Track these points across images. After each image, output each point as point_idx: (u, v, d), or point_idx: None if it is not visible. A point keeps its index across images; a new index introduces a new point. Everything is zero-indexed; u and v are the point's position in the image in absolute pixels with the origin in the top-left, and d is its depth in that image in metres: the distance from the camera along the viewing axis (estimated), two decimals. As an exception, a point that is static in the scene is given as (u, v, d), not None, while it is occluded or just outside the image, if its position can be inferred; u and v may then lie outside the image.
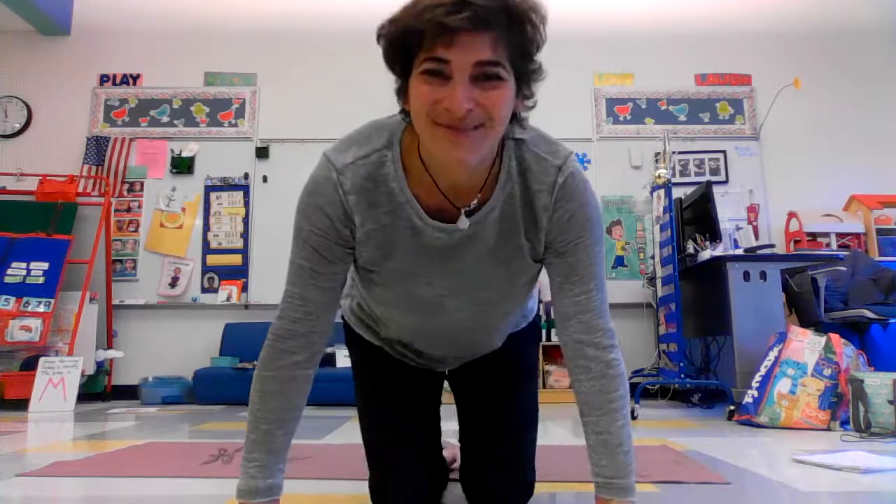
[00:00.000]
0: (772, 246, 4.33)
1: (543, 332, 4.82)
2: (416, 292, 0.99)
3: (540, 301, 1.40)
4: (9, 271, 4.42)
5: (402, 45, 0.80)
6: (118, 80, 5.55)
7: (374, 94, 6.07)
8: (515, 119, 0.89)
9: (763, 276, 3.72)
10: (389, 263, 0.96)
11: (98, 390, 4.74)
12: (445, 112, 0.77)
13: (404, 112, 0.88)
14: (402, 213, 0.92)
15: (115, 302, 5.05)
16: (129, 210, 5.34)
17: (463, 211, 0.91)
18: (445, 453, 1.40)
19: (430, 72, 0.77)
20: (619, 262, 5.28)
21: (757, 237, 4.72)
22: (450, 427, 1.38)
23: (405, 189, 0.91)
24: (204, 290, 5.20)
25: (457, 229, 0.93)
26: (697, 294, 4.22)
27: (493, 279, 1.00)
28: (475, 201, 0.91)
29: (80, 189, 5.12)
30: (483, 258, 0.96)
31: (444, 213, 0.93)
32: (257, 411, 0.96)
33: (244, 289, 5.18)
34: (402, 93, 0.86)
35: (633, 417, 3.36)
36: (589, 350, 0.98)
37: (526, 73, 0.83)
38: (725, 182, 5.34)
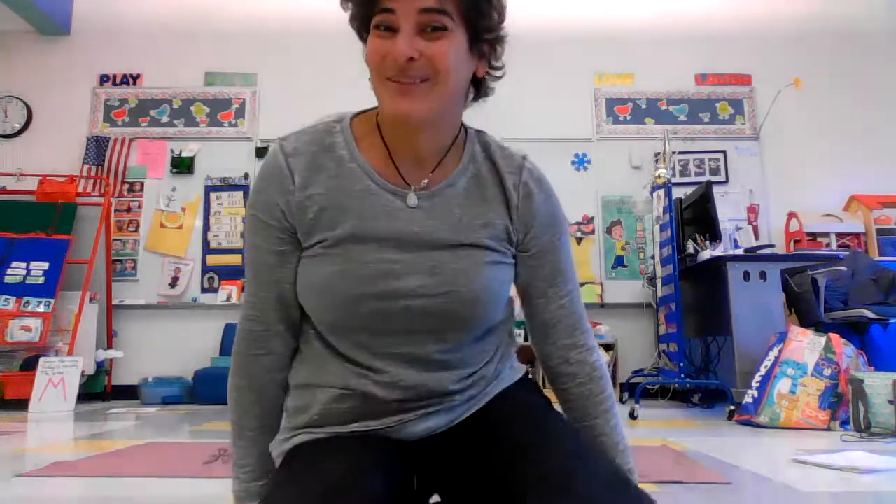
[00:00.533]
0: (772, 246, 4.33)
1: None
2: (365, 259, 0.83)
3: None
4: (9, 271, 4.43)
5: (360, 4, 0.81)
6: (118, 80, 5.55)
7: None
8: (480, 88, 0.88)
9: (763, 276, 3.72)
10: (336, 231, 0.84)
11: (98, 390, 4.74)
12: (392, 64, 0.77)
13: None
14: (352, 177, 0.86)
15: (115, 302, 5.05)
16: (129, 210, 5.34)
17: (413, 188, 0.86)
18: None
19: (380, 26, 0.78)
20: (619, 262, 5.28)
21: (757, 237, 4.72)
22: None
23: (357, 155, 0.87)
24: (204, 290, 5.20)
25: (404, 196, 0.86)
26: (697, 294, 4.22)
27: (453, 254, 0.85)
28: (426, 180, 0.87)
29: (80, 189, 5.12)
30: (442, 229, 0.86)
31: (397, 184, 0.88)
32: (239, 420, 0.93)
33: (244, 289, 5.17)
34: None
35: (633, 417, 3.36)
36: (573, 354, 0.93)
37: (479, 28, 0.81)
38: (725, 182, 5.34)
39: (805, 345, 3.11)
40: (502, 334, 0.96)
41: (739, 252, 3.93)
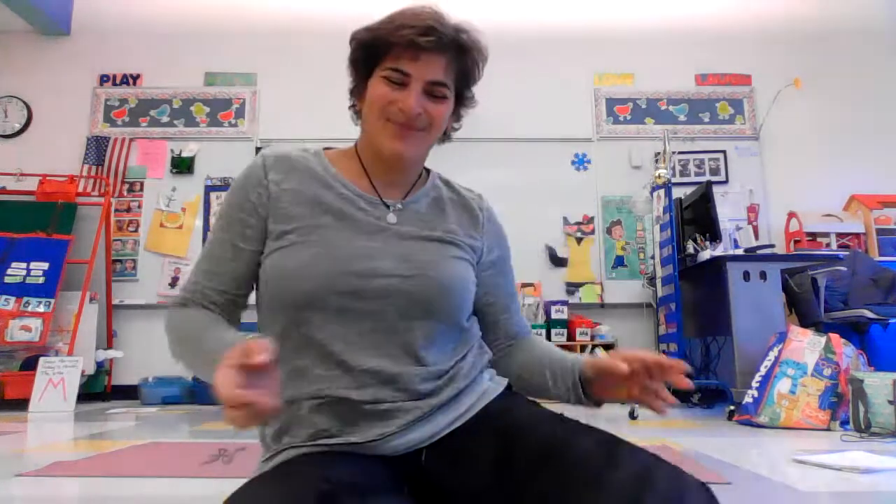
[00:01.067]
0: (772, 246, 4.33)
1: (544, 332, 4.82)
2: (341, 244, 0.90)
3: None
4: (9, 271, 4.43)
5: (371, 50, 0.95)
6: (118, 80, 5.55)
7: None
8: (445, 135, 1.05)
9: (763, 276, 3.72)
10: (313, 220, 0.91)
11: (98, 390, 4.74)
12: (399, 112, 0.91)
13: (355, 110, 1.02)
14: (328, 182, 0.96)
15: (115, 302, 5.05)
16: (129, 210, 5.34)
17: (392, 207, 0.98)
18: None
19: (392, 79, 0.92)
20: (619, 262, 5.28)
21: (757, 237, 4.72)
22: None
23: (329, 168, 0.99)
24: (204, 290, 5.20)
25: (382, 206, 0.97)
26: (697, 294, 4.22)
27: (422, 245, 0.95)
28: (398, 202, 0.99)
29: (80, 189, 5.13)
30: (411, 227, 0.97)
31: (375, 199, 0.99)
32: (184, 339, 0.91)
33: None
34: (358, 91, 1.00)
35: (633, 417, 3.36)
36: (518, 341, 1.08)
37: (463, 99, 1.00)
38: (725, 182, 5.34)
39: (805, 345, 3.11)
40: (472, 340, 1.00)
41: (739, 252, 3.93)
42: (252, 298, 0.99)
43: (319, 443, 0.85)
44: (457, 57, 0.95)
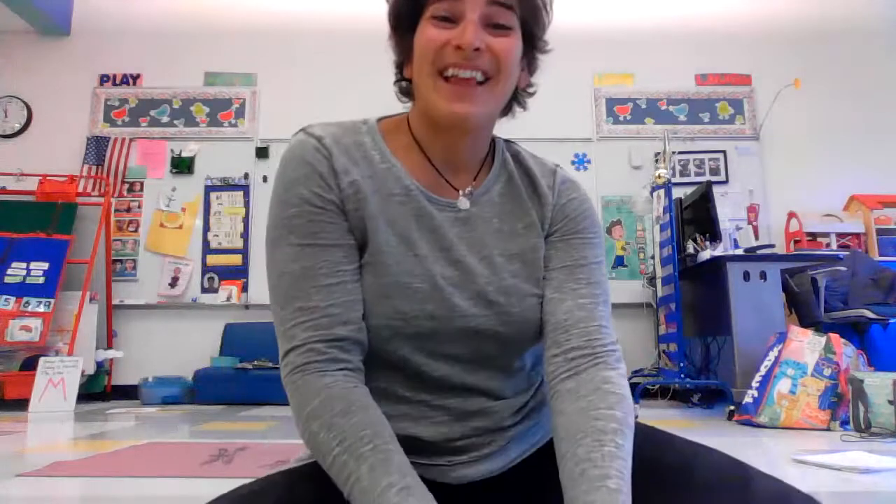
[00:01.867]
0: (772, 246, 4.33)
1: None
2: (405, 275, 0.74)
3: None
4: (9, 271, 4.43)
5: None
6: (118, 80, 5.55)
7: (374, 94, 6.06)
8: (513, 102, 0.83)
9: (763, 276, 3.72)
10: (375, 236, 0.74)
11: (98, 390, 4.74)
12: (454, 52, 0.70)
13: (402, 85, 0.83)
14: (386, 180, 0.76)
15: (115, 302, 5.05)
16: (129, 210, 5.34)
17: (461, 192, 0.79)
18: None
19: (439, 15, 0.72)
20: (619, 262, 5.28)
21: (757, 237, 4.72)
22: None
23: (388, 156, 0.78)
24: (204, 291, 5.20)
25: (453, 204, 0.79)
26: (697, 294, 4.22)
27: (501, 267, 0.78)
28: (469, 188, 0.80)
29: (80, 189, 5.13)
30: (486, 241, 0.79)
31: (438, 193, 0.79)
32: (343, 440, 0.65)
33: (244, 289, 5.18)
34: (405, 59, 0.79)
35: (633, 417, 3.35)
36: (584, 363, 0.74)
37: (533, 35, 0.78)
38: (725, 182, 5.34)
39: (805, 345, 3.11)
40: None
41: (739, 252, 3.93)
42: None
43: None
44: None
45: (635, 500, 0.65)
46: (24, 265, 4.47)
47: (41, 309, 4.34)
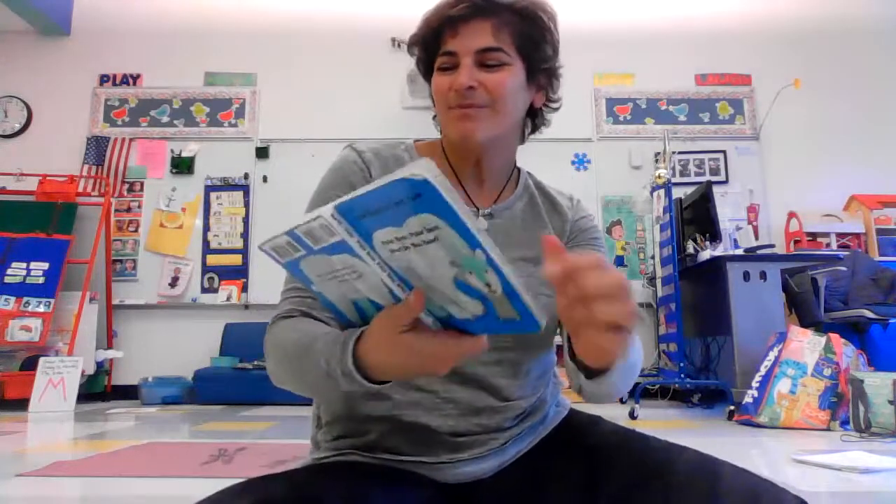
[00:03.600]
0: (772, 246, 4.33)
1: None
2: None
3: None
4: (9, 271, 4.43)
5: (426, 48, 0.89)
6: (118, 80, 5.55)
7: (373, 94, 6.06)
8: (537, 118, 0.94)
9: (763, 276, 3.72)
10: None
11: (98, 390, 4.74)
12: (455, 94, 0.83)
13: (436, 119, 0.95)
14: None
15: (115, 302, 5.05)
16: (129, 210, 5.34)
17: (481, 211, 0.91)
18: None
19: (443, 67, 0.86)
20: (619, 262, 5.28)
21: (757, 237, 4.72)
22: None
23: None
24: (204, 290, 5.20)
25: (480, 219, 0.90)
26: (697, 294, 4.22)
27: (518, 264, 0.86)
28: (489, 208, 0.91)
29: (80, 189, 5.13)
30: (508, 245, 0.87)
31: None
32: (291, 351, 0.72)
33: (244, 289, 5.18)
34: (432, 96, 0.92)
35: (633, 417, 3.36)
36: None
37: (534, 61, 0.87)
38: (725, 182, 5.34)
39: (805, 345, 3.11)
40: (551, 367, 0.93)
41: (739, 252, 3.93)
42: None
43: (378, 456, 0.81)
44: (509, 19, 0.85)
45: (612, 500, 0.73)
46: (24, 265, 4.47)
47: (41, 309, 4.34)
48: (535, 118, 0.95)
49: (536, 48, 0.87)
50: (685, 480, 0.72)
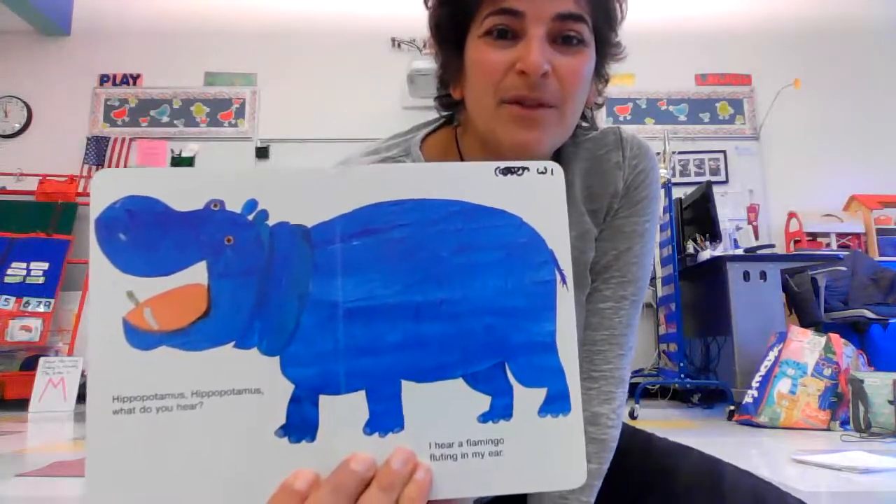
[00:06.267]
0: (772, 246, 4.33)
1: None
2: None
3: None
4: (9, 271, 4.42)
5: (460, 2, 0.62)
6: (118, 80, 5.55)
7: (373, 94, 6.05)
8: (584, 118, 0.71)
9: (763, 276, 3.72)
10: None
11: (98, 390, 4.73)
12: (518, 77, 0.58)
13: (446, 103, 0.71)
14: None
15: (115, 302, 5.04)
16: (129, 210, 5.33)
17: None
18: None
19: (497, 31, 0.59)
20: (619, 262, 5.27)
21: (757, 237, 4.72)
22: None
23: None
24: (204, 290, 5.19)
25: None
26: (697, 294, 4.22)
27: None
28: None
29: (80, 189, 5.12)
30: None
31: None
32: None
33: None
34: (451, 77, 0.67)
35: (633, 418, 3.36)
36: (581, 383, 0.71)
37: (607, 44, 0.66)
38: (725, 182, 5.34)
39: (805, 345, 3.11)
40: None
41: (739, 252, 3.93)
42: None
43: None
44: None
45: (614, 501, 0.68)
46: (24, 265, 4.47)
47: (41, 309, 4.34)
48: (582, 117, 0.71)
49: (612, 24, 0.65)
50: (688, 483, 0.71)
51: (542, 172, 0.37)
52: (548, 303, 0.37)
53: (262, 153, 5.39)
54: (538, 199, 0.37)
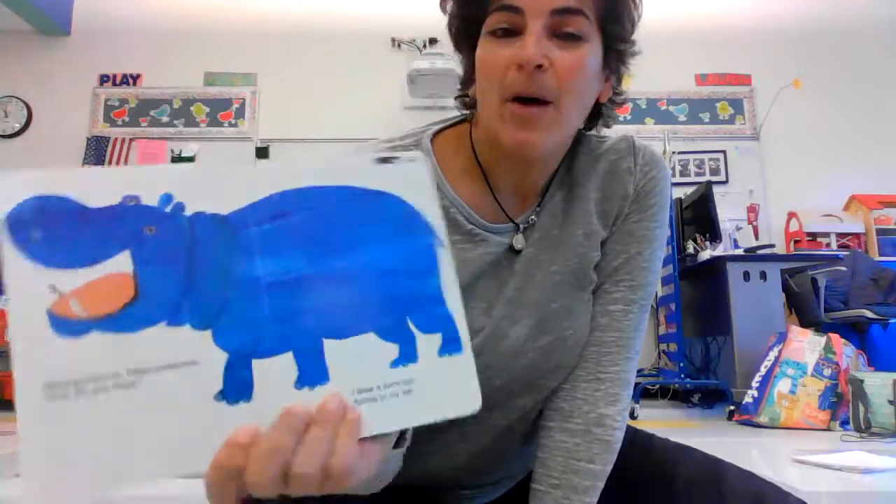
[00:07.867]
0: (772, 246, 4.33)
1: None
2: (474, 323, 0.66)
3: None
4: (9, 271, 4.42)
5: (471, 4, 0.65)
6: (118, 81, 5.55)
7: (373, 94, 6.06)
8: (597, 117, 0.72)
9: (763, 276, 3.72)
10: None
11: (98, 390, 4.73)
12: (517, 72, 0.60)
13: (465, 103, 0.73)
14: (447, 219, 0.63)
15: (115, 302, 5.04)
16: (129, 210, 5.33)
17: (521, 227, 0.70)
18: None
19: (498, 30, 0.62)
20: (619, 262, 5.28)
21: (757, 237, 4.72)
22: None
23: (448, 191, 0.68)
24: (204, 290, 5.20)
25: (518, 237, 0.70)
26: (697, 294, 4.22)
27: (558, 289, 0.69)
28: (531, 217, 0.71)
29: (80, 189, 5.12)
30: (545, 268, 0.70)
31: (495, 222, 0.72)
32: None
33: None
34: (468, 77, 0.70)
35: (633, 418, 3.35)
36: (583, 385, 0.68)
37: (614, 36, 0.65)
38: (725, 182, 5.34)
39: (805, 345, 3.11)
40: None
41: (739, 252, 3.93)
42: None
43: None
44: None
45: (617, 501, 0.69)
46: (24, 265, 4.47)
47: (41, 309, 4.34)
48: (596, 116, 0.72)
49: (618, 18, 0.65)
50: (689, 483, 0.71)
51: (411, 161, 0.45)
52: (431, 262, 0.43)
53: (262, 153, 5.39)
54: (411, 182, 0.44)
